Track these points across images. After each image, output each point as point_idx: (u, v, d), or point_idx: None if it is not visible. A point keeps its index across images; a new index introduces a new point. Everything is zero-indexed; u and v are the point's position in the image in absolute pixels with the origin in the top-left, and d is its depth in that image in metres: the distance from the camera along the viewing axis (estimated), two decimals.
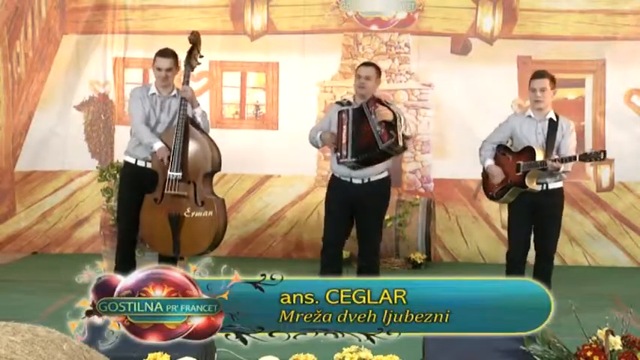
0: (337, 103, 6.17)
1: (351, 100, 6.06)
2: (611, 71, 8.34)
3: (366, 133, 5.79)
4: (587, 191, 8.38)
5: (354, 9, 8.59)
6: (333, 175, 6.08)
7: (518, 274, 5.93)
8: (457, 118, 8.45)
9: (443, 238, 8.52)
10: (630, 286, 7.42)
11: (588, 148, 8.01)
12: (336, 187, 6.01)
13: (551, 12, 8.40)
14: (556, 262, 6.10)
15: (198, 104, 6.34)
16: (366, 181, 5.92)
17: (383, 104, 5.82)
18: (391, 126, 5.73)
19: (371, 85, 5.95)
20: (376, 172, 5.94)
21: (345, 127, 5.83)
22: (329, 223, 6.04)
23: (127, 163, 6.37)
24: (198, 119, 6.26)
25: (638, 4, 8.34)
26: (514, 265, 5.95)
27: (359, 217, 6.00)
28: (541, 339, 4.11)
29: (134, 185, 6.29)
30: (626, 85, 8.35)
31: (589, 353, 4.00)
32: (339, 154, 5.86)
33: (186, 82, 6.24)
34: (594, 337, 4.09)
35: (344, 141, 5.83)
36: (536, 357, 4.10)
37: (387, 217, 8.02)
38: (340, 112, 5.88)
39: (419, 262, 7.94)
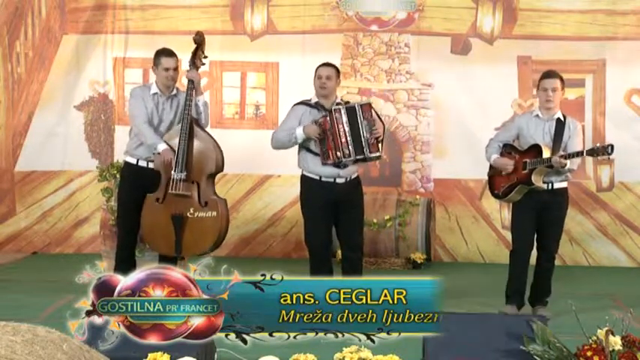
0: (302, 104, 6.03)
1: (311, 101, 6.01)
2: (611, 71, 8.34)
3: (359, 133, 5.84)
4: (587, 191, 8.37)
5: (354, 9, 8.59)
6: (309, 177, 5.95)
7: (522, 274, 5.93)
8: (457, 118, 8.45)
9: (443, 238, 8.51)
10: (630, 286, 7.42)
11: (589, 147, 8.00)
12: (318, 189, 5.92)
13: (551, 12, 8.40)
14: (556, 262, 6.08)
15: (202, 92, 6.32)
16: (349, 179, 5.95)
17: (375, 113, 5.92)
18: (380, 140, 5.87)
19: (332, 85, 5.95)
20: (356, 169, 6.01)
21: (341, 125, 5.82)
22: (316, 226, 5.96)
23: (127, 164, 6.34)
24: (201, 108, 6.22)
25: (638, 4, 8.34)
26: (518, 264, 5.94)
27: (344, 215, 5.97)
28: (541, 339, 4.11)
29: (135, 185, 6.27)
30: (626, 85, 8.34)
31: (589, 353, 4.00)
32: (339, 153, 5.82)
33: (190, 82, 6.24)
34: (594, 337, 4.09)
35: (343, 139, 5.80)
36: (536, 357, 4.10)
37: (387, 217, 8.09)
38: (332, 111, 5.84)
39: (419, 262, 7.94)
